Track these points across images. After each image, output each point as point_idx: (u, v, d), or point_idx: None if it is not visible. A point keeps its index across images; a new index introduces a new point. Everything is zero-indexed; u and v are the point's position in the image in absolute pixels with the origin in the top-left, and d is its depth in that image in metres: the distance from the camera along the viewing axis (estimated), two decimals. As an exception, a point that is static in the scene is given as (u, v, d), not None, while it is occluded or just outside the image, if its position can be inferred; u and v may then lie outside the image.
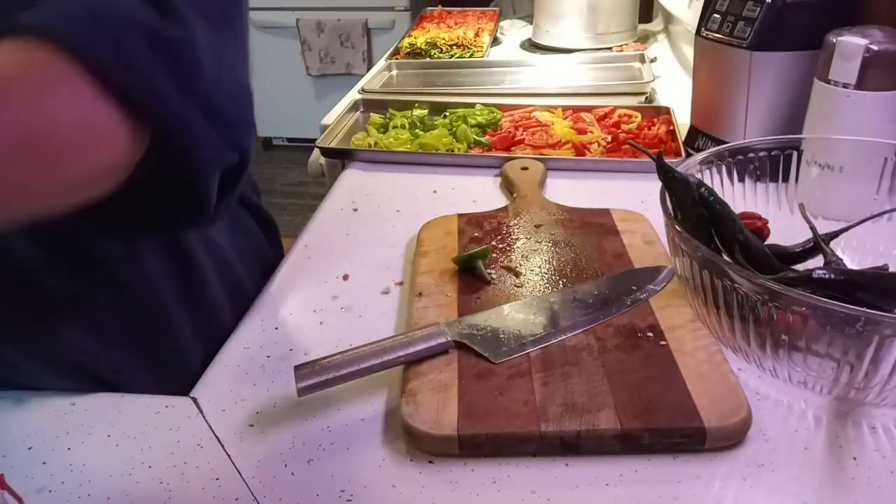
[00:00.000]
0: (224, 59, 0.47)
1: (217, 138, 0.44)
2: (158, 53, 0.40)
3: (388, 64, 1.47)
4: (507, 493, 0.47)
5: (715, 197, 0.58)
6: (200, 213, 0.48)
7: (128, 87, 0.39)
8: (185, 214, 0.49)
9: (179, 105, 0.41)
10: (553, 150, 1.00)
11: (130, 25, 0.40)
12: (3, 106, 0.35)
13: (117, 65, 0.38)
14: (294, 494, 0.47)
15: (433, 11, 2.00)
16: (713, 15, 0.91)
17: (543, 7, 1.60)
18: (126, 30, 0.40)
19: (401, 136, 1.05)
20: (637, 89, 1.27)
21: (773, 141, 0.68)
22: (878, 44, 0.71)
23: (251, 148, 0.49)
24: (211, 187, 0.46)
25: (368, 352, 0.54)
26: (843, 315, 0.45)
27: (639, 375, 0.53)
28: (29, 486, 0.48)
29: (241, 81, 0.49)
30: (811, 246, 0.61)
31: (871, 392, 0.49)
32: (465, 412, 0.50)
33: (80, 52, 0.37)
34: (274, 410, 0.54)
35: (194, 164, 0.44)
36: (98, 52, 0.38)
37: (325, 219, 0.85)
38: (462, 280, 0.66)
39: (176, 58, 0.41)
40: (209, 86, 0.44)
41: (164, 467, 0.49)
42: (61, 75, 0.37)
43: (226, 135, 0.45)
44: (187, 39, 0.43)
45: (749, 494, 0.46)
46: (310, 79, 3.32)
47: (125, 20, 0.40)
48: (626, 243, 0.71)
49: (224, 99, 0.45)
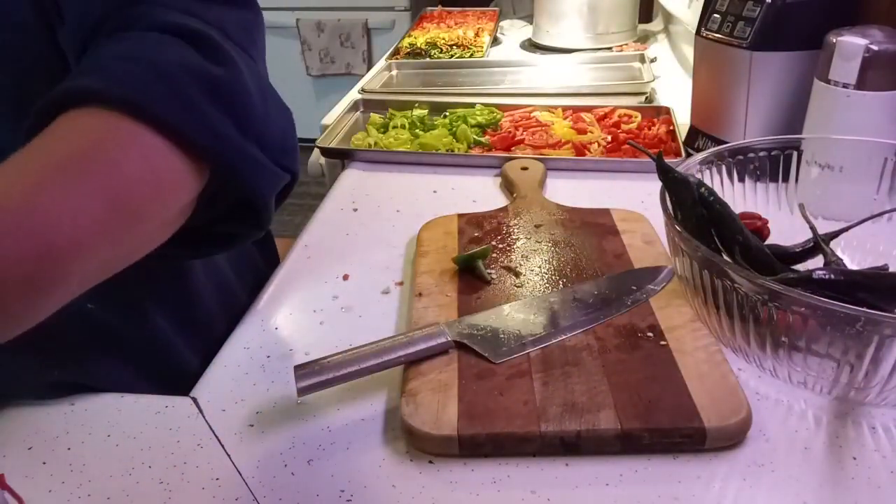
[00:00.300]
0: (264, 84, 0.50)
1: (273, 166, 0.48)
2: (216, 100, 0.43)
3: (388, 64, 1.47)
4: (507, 493, 0.47)
5: (715, 197, 0.58)
6: (260, 228, 0.51)
7: (193, 137, 0.41)
8: (247, 230, 0.52)
9: (239, 144, 0.44)
10: (553, 150, 1.00)
11: (187, 77, 0.42)
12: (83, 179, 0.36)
13: (182, 119, 0.41)
14: (294, 494, 0.47)
15: (433, 11, 2.00)
16: (713, 15, 0.91)
17: (543, 7, 1.60)
18: (184, 83, 0.42)
19: (401, 136, 1.05)
20: (637, 89, 1.27)
21: (773, 141, 0.68)
22: (878, 44, 0.71)
23: (299, 168, 0.52)
24: (270, 207, 0.50)
25: (368, 352, 0.54)
26: (843, 315, 0.45)
27: (639, 375, 0.53)
28: (29, 486, 0.48)
29: (283, 104, 0.52)
30: (811, 246, 0.61)
31: (871, 392, 0.49)
32: (465, 412, 0.50)
33: (146, 113, 0.40)
34: (274, 410, 0.54)
35: (256, 191, 0.47)
36: (163, 111, 0.40)
37: (325, 219, 0.85)
38: (462, 280, 0.66)
39: (231, 100, 0.44)
40: (261, 120, 0.47)
41: (164, 467, 0.49)
42: (131, 138, 0.39)
43: (279, 162, 0.49)
44: (236, 78, 0.46)
45: (749, 494, 0.46)
46: (310, 79, 3.32)
47: (181, 71, 0.42)
48: (626, 243, 0.71)
49: (274, 129, 0.49)
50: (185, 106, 0.41)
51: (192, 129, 0.41)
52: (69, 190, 0.35)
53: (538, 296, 0.63)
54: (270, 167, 0.48)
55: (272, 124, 0.49)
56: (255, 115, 0.46)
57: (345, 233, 0.81)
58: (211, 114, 0.42)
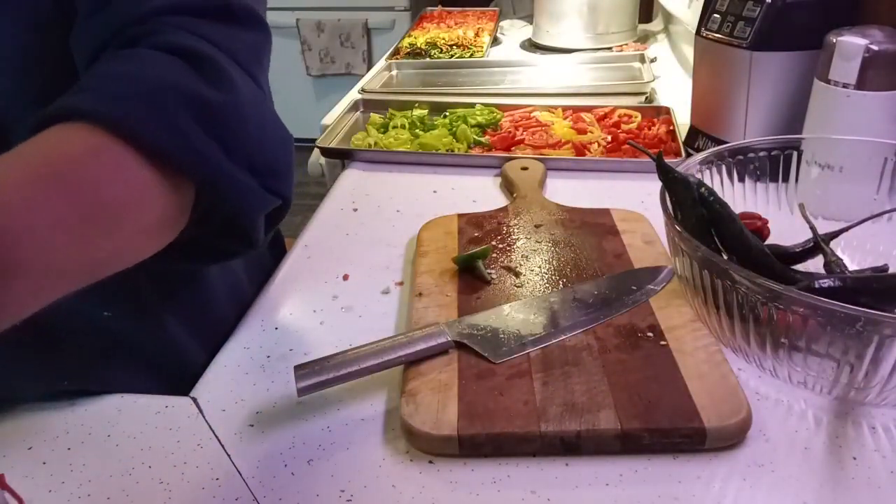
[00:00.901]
0: (265, 110, 0.52)
1: (260, 190, 0.49)
2: (206, 123, 0.45)
3: (388, 64, 1.47)
4: (507, 493, 0.47)
5: (715, 197, 0.58)
6: (249, 246, 0.53)
7: (179, 160, 0.43)
8: (236, 247, 0.53)
9: (226, 167, 0.46)
10: (553, 150, 1.00)
11: (178, 99, 0.44)
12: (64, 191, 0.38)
13: (168, 143, 0.42)
14: (294, 494, 0.47)
15: (433, 11, 2.00)
16: (713, 15, 0.91)
17: (543, 7, 1.60)
18: (174, 106, 0.43)
19: (401, 136, 1.05)
20: (637, 89, 1.27)
21: (773, 141, 0.68)
22: (878, 44, 0.71)
23: (291, 193, 0.53)
24: (258, 228, 0.51)
25: (368, 352, 0.54)
26: (843, 315, 0.45)
27: (639, 375, 0.53)
28: (29, 486, 0.48)
29: (282, 129, 0.54)
30: (811, 246, 0.61)
31: (871, 392, 0.49)
32: (465, 412, 0.50)
33: (131, 135, 0.41)
34: (274, 410, 0.54)
35: (241, 211, 0.49)
36: (148, 134, 0.42)
37: (325, 219, 0.85)
38: (462, 280, 0.66)
39: (221, 124, 0.46)
40: (253, 145, 0.49)
41: (164, 467, 0.49)
42: (116, 158, 0.41)
43: (268, 186, 0.50)
44: (231, 103, 0.47)
45: (749, 494, 0.46)
46: (310, 79, 3.32)
47: (173, 95, 0.44)
48: (626, 243, 0.71)
49: (266, 153, 0.50)
50: (166, 125, 0.43)
51: (170, 146, 0.43)
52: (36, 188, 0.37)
53: (538, 296, 0.63)
54: (257, 190, 0.49)
55: (266, 149, 0.50)
56: (245, 140, 0.48)
57: (345, 233, 0.81)
58: (194, 134, 0.44)
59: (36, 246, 0.36)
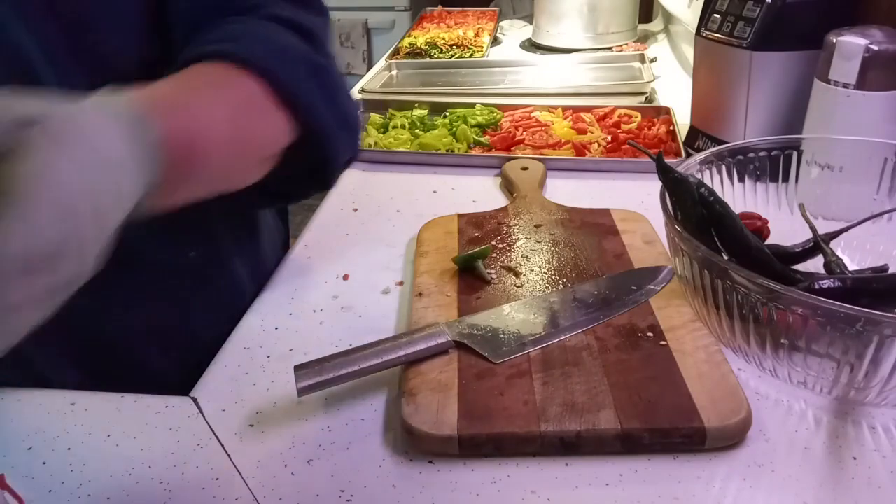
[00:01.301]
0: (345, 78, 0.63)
1: (347, 141, 0.60)
2: (318, 80, 0.56)
3: (388, 64, 1.47)
4: (507, 493, 0.47)
5: (715, 197, 0.58)
6: (326, 187, 0.66)
7: (305, 109, 0.54)
8: (314, 189, 0.66)
9: (331, 120, 0.57)
10: (553, 150, 1.00)
11: (299, 58, 0.56)
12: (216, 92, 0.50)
13: (291, 84, 0.53)
14: (294, 494, 0.47)
15: (433, 11, 2.00)
16: (713, 15, 0.91)
17: (543, 7, 1.60)
18: (298, 61, 0.55)
19: (401, 136, 1.05)
20: (637, 89, 1.27)
21: (773, 141, 0.68)
22: (878, 44, 0.71)
23: (359, 148, 0.65)
24: (338, 173, 0.64)
25: (368, 352, 0.54)
26: (843, 315, 0.45)
27: (639, 375, 0.53)
28: (29, 486, 0.48)
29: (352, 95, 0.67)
30: (811, 246, 0.61)
31: (871, 392, 0.49)
32: (465, 412, 0.50)
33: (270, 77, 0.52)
34: (274, 410, 0.54)
35: (331, 157, 0.59)
36: (282, 78, 0.52)
37: (325, 219, 0.85)
38: (462, 280, 0.66)
39: (328, 84, 0.57)
40: (345, 103, 0.60)
41: (164, 467, 0.49)
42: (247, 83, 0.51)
43: (350, 139, 0.61)
44: (334, 69, 0.60)
45: (749, 494, 0.46)
46: (310, 79, 3.32)
47: (296, 54, 0.56)
48: (626, 243, 0.71)
49: (351, 112, 0.61)
50: (295, 76, 0.53)
51: (298, 92, 0.53)
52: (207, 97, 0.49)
53: (538, 296, 0.63)
54: (344, 139, 0.59)
55: (350, 109, 0.61)
56: (341, 99, 0.59)
57: (345, 233, 0.81)
58: (313, 87, 0.55)
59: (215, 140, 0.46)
